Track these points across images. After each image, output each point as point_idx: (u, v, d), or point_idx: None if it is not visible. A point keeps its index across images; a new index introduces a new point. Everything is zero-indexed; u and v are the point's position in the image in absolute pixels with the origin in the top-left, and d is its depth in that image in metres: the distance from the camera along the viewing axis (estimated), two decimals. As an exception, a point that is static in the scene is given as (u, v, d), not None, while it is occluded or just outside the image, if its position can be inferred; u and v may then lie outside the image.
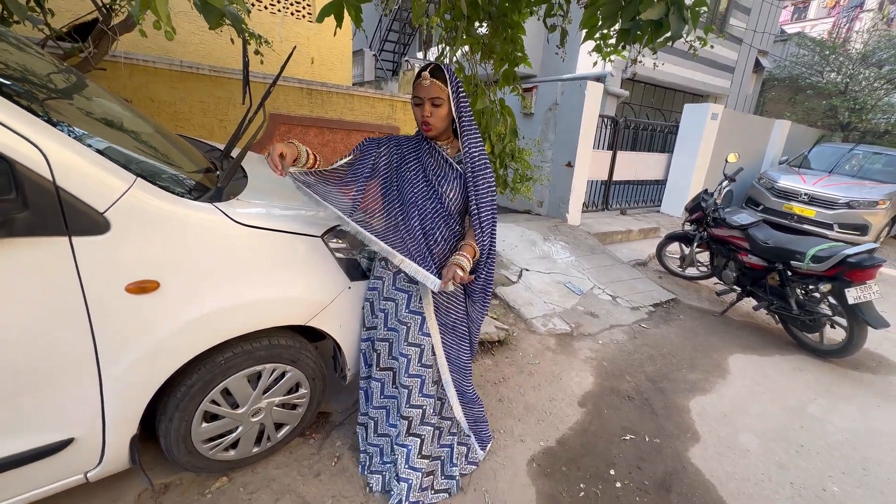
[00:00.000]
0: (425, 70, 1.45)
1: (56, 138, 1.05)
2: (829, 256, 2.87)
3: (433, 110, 1.47)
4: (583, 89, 5.09)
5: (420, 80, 1.45)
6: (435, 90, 1.44)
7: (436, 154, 1.58)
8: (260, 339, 1.52)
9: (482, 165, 1.51)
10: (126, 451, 1.35)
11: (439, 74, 1.44)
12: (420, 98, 1.47)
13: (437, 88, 1.44)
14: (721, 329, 3.52)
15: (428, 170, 1.56)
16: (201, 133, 3.07)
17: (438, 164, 1.57)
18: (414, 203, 1.54)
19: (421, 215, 1.53)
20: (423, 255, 1.49)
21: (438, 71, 1.45)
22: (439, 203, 1.54)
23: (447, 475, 1.74)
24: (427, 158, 1.57)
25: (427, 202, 1.54)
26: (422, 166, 1.56)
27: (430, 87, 1.44)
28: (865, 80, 10.30)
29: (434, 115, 1.47)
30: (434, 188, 1.54)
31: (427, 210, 1.54)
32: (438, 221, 1.54)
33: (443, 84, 1.44)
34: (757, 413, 2.45)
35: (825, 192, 6.15)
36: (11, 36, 1.46)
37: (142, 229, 1.18)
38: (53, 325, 1.11)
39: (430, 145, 1.59)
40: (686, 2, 1.66)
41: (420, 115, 1.49)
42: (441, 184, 1.54)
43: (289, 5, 5.05)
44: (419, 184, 1.56)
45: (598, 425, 2.23)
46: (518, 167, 2.72)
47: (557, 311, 3.46)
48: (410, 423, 1.65)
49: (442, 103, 1.46)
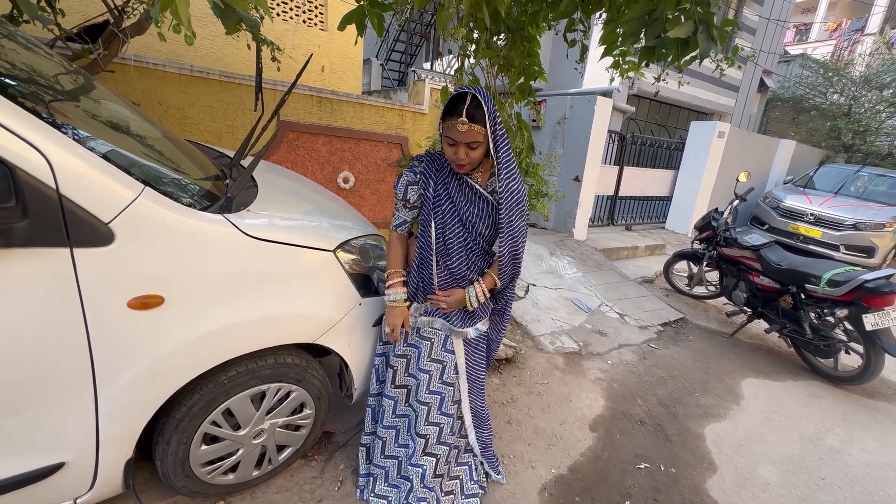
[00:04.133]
0: (460, 100, 1.26)
1: (61, 143, 0.98)
2: (847, 281, 2.81)
3: (468, 152, 1.31)
4: (592, 104, 5.08)
5: (455, 121, 1.26)
6: (471, 135, 1.27)
7: (466, 189, 1.46)
8: (266, 357, 1.44)
9: (519, 200, 1.41)
10: (120, 476, 1.26)
11: (476, 113, 1.26)
12: (453, 140, 1.29)
13: (473, 133, 1.27)
14: (731, 351, 3.44)
15: (460, 207, 1.45)
16: (209, 139, 3.02)
17: (472, 202, 1.46)
18: (455, 251, 1.49)
19: (460, 263, 1.49)
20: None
21: (474, 107, 1.25)
22: (474, 242, 1.50)
23: (468, 494, 1.70)
24: (457, 195, 1.45)
25: (464, 248, 1.49)
26: (453, 204, 1.45)
27: (466, 132, 1.26)
28: (869, 102, 10.35)
29: (469, 157, 1.32)
30: (468, 228, 1.47)
31: (465, 257, 1.49)
32: (476, 262, 1.53)
33: (481, 126, 1.27)
34: (774, 442, 2.37)
35: (831, 213, 6.11)
36: (20, 35, 1.41)
37: (148, 241, 1.11)
38: (48, 341, 1.04)
39: (459, 179, 1.46)
40: (714, 21, 1.62)
41: (453, 154, 1.32)
42: (475, 223, 1.46)
43: (301, 13, 5.06)
44: (455, 227, 1.47)
45: (610, 452, 2.14)
46: (533, 183, 2.68)
47: (565, 328, 3.38)
48: (427, 441, 1.59)
49: (479, 145, 1.31)
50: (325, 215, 1.74)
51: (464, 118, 1.24)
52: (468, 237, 1.48)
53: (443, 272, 1.52)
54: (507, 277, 1.54)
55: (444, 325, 1.57)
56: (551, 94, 6.15)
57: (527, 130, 2.40)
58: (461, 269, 1.50)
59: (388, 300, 1.53)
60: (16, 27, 1.57)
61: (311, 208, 1.80)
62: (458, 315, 1.57)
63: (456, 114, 1.26)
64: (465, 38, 1.84)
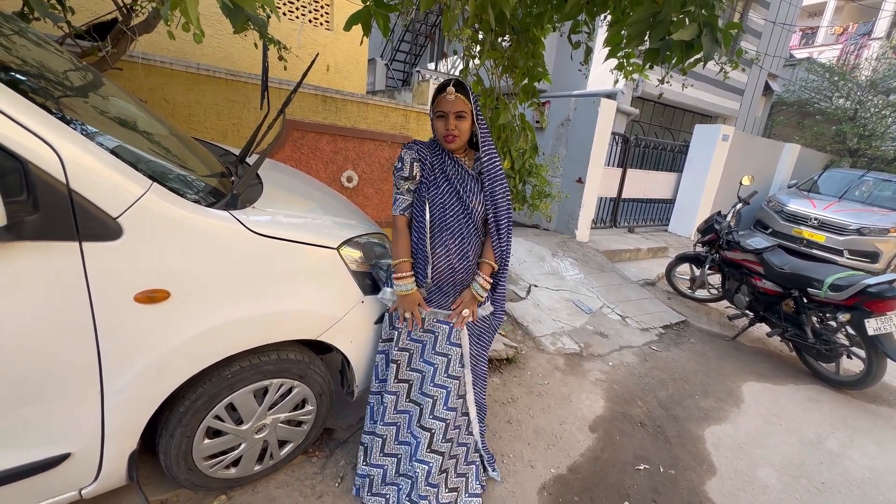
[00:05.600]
0: (448, 85, 1.47)
1: (72, 138, 1.00)
2: (849, 285, 2.80)
3: (457, 123, 1.49)
4: (596, 106, 5.08)
5: (444, 94, 1.47)
6: (459, 104, 1.47)
7: (459, 167, 1.57)
8: (269, 352, 1.46)
9: (500, 175, 1.56)
10: (124, 467, 1.28)
11: (461, 90, 1.48)
12: (444, 112, 1.48)
13: (461, 103, 1.47)
14: (733, 354, 3.43)
15: (457, 185, 1.54)
16: (214, 136, 3.04)
17: (465, 178, 1.56)
18: (455, 228, 1.54)
19: (462, 241, 1.55)
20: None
21: (459, 87, 1.48)
22: (471, 219, 1.55)
23: (472, 493, 1.71)
24: (453, 173, 1.56)
25: (464, 226, 1.55)
26: (450, 183, 1.55)
27: (454, 101, 1.46)
28: (875, 106, 10.31)
29: (458, 128, 1.49)
30: (465, 205, 1.54)
31: (465, 234, 1.55)
32: (474, 239, 1.58)
33: (465, 99, 1.48)
34: (774, 445, 2.37)
35: (835, 218, 6.09)
36: (31, 32, 1.43)
37: (155, 236, 1.13)
38: (57, 333, 1.05)
39: (452, 159, 1.57)
40: (719, 24, 1.62)
41: (444, 127, 1.50)
42: (470, 198, 1.55)
43: (308, 13, 5.08)
44: (455, 205, 1.54)
45: (610, 453, 2.15)
46: (536, 183, 2.68)
47: (566, 329, 3.39)
48: (433, 436, 1.61)
49: (466, 116, 1.49)
50: (329, 213, 1.76)
51: (452, 88, 1.45)
52: (466, 215, 1.54)
53: (440, 259, 1.54)
54: (500, 254, 1.58)
55: (449, 313, 1.61)
56: (555, 96, 6.16)
57: (530, 131, 2.40)
58: (459, 251, 1.54)
59: (400, 290, 1.53)
60: (27, 24, 1.59)
61: (315, 206, 1.81)
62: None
63: (444, 90, 1.47)
64: (471, 39, 1.85)
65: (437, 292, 1.59)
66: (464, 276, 1.58)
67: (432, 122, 1.54)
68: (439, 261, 1.54)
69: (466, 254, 1.56)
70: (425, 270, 1.55)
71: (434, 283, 1.57)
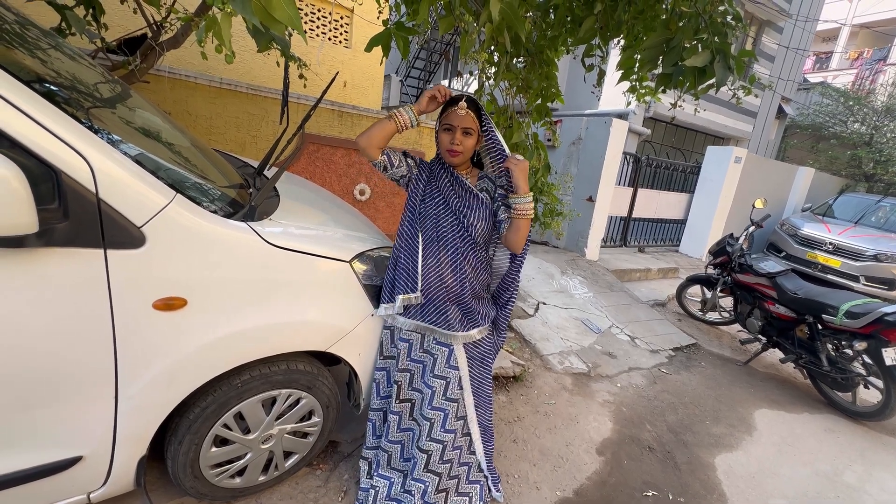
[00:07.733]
0: (461, 100, 1.47)
1: (102, 150, 1.04)
2: (866, 313, 2.74)
3: (463, 139, 1.49)
4: (608, 126, 5.11)
5: (455, 108, 1.47)
6: (468, 120, 1.48)
7: (457, 185, 1.56)
8: (278, 362, 1.47)
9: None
10: (133, 473, 1.29)
11: (472, 107, 1.49)
12: (451, 125, 1.48)
13: (470, 119, 1.48)
14: (745, 380, 3.36)
15: (451, 199, 1.54)
16: (233, 148, 3.13)
17: (461, 196, 1.55)
18: (448, 240, 1.54)
19: (454, 253, 1.54)
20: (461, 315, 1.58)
21: (471, 104, 1.49)
22: (467, 233, 1.54)
23: None
24: (449, 190, 1.56)
25: (459, 239, 1.54)
26: (443, 196, 1.56)
27: (464, 116, 1.47)
28: (891, 132, 10.22)
29: (463, 144, 1.50)
30: (459, 219, 1.53)
31: (459, 247, 1.54)
32: (470, 255, 1.55)
33: (475, 116, 1.49)
34: (787, 476, 2.30)
35: (852, 243, 5.99)
36: (66, 47, 1.50)
37: (176, 245, 1.16)
38: (78, 337, 1.08)
39: (451, 175, 1.57)
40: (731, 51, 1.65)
41: (448, 141, 1.50)
42: (467, 215, 1.53)
43: (328, 31, 5.24)
44: (447, 217, 1.55)
45: (618, 477, 2.11)
46: (548, 201, 2.70)
47: (574, 348, 3.35)
48: (430, 457, 1.59)
49: (472, 133, 1.50)
50: (343, 226, 1.79)
51: (463, 104, 1.45)
52: (462, 230, 1.53)
53: (430, 271, 1.54)
54: (511, 281, 1.64)
55: (444, 333, 1.57)
56: (567, 115, 6.22)
57: (543, 150, 2.43)
58: (451, 263, 1.53)
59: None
60: (63, 39, 1.67)
61: (329, 219, 1.85)
62: (458, 318, 1.57)
63: (455, 104, 1.47)
64: (486, 60, 1.90)
65: (432, 308, 1.57)
66: (459, 291, 1.54)
67: (437, 133, 1.55)
68: (429, 272, 1.54)
69: (460, 267, 1.53)
70: (414, 278, 1.54)
71: (426, 297, 1.55)
